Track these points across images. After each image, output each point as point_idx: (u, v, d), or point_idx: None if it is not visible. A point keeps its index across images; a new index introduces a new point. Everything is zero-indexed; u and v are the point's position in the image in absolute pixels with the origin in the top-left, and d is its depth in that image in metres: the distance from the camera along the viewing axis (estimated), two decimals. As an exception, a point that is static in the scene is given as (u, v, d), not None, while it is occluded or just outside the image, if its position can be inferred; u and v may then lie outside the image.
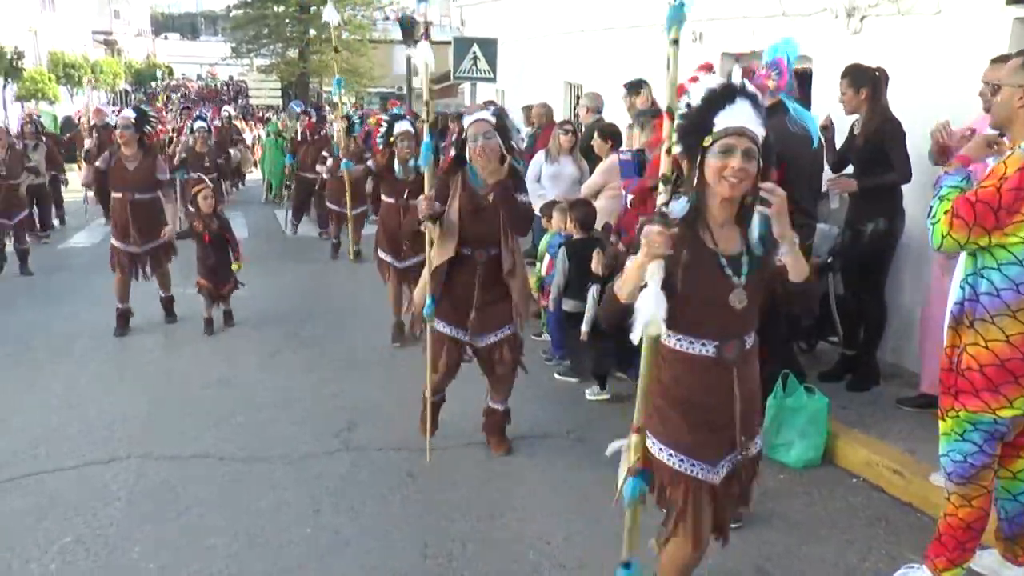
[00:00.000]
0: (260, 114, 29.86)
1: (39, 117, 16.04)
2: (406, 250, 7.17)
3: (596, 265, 5.76)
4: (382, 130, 7.41)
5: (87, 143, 14.20)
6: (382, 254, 7.38)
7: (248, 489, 4.71)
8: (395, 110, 8.38)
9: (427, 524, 4.32)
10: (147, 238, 7.58)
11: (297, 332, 7.83)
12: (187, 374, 6.68)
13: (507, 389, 5.13)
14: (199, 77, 62.88)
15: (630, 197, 6.14)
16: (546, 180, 8.27)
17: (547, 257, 6.96)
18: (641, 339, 2.74)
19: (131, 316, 7.84)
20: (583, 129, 8.81)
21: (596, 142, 7.68)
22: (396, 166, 7.18)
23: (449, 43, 14.20)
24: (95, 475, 4.87)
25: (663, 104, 2.82)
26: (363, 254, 10.52)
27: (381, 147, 7.44)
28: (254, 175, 20.17)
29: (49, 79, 29.88)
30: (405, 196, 7.07)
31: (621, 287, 2.79)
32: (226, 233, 7.81)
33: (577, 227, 6.36)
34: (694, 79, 2.98)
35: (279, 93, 34.29)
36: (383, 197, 7.45)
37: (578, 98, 12.25)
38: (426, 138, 4.72)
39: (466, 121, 4.76)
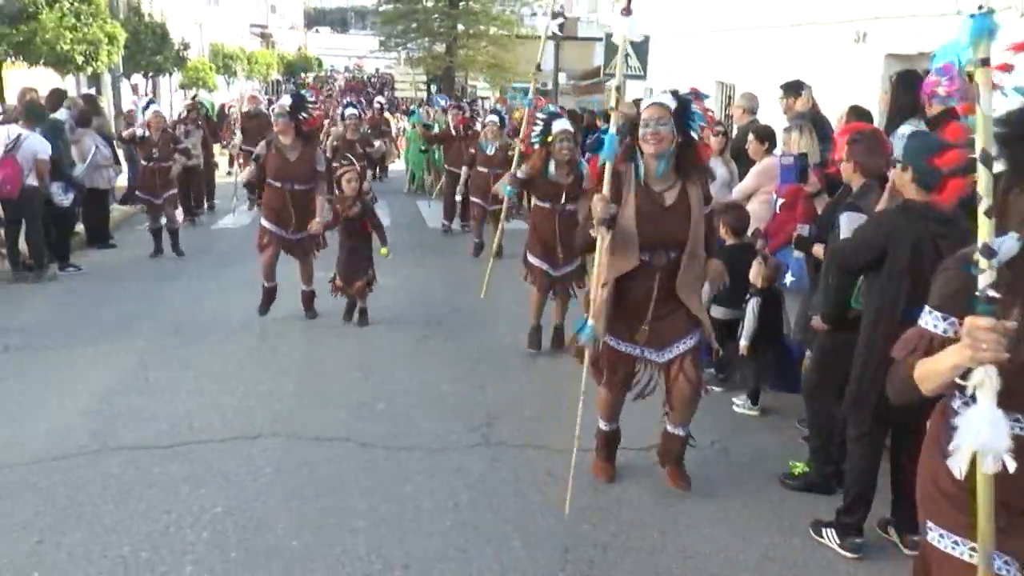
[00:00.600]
0: (405, 106, 30.45)
1: (200, 104, 16.79)
2: (562, 257, 6.75)
3: (756, 276, 5.54)
4: (536, 128, 6.88)
5: (237, 135, 14.35)
6: (534, 259, 6.86)
7: (389, 477, 4.75)
8: (550, 107, 7.91)
9: (568, 527, 4.24)
10: (302, 228, 7.47)
11: (440, 323, 7.89)
12: (330, 358, 6.83)
13: (690, 412, 4.51)
14: (346, 69, 64.89)
15: (779, 202, 5.90)
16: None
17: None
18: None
19: (275, 295, 7.77)
20: (735, 130, 8.54)
21: (751, 144, 7.38)
22: (552, 167, 6.69)
23: (597, 40, 14.13)
24: (243, 450, 5.03)
25: (977, 140, 2.06)
26: (504, 251, 10.42)
27: (536, 146, 6.88)
28: (396, 165, 20.57)
29: (209, 69, 31.40)
30: (563, 200, 6.67)
31: (924, 379, 2.16)
32: (370, 219, 7.55)
33: (729, 232, 6.14)
34: (1005, 67, 2.16)
35: (424, 86, 34.96)
36: (536, 201, 6.99)
37: (730, 98, 11.96)
38: (612, 129, 4.27)
39: (643, 104, 4.33)
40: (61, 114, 10.34)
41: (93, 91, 17.71)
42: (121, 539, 4.05)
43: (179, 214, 11.93)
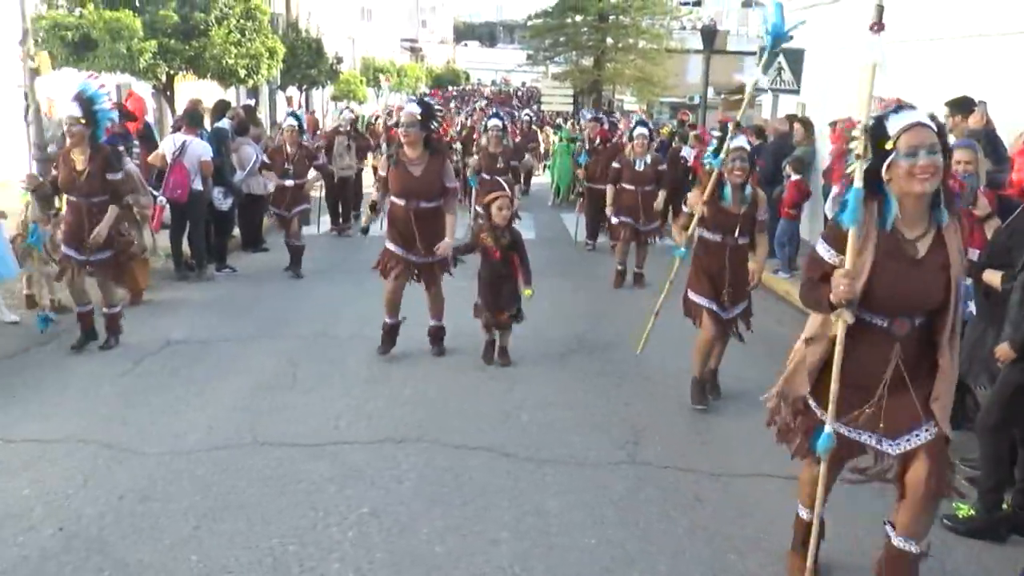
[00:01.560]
0: (551, 120, 30.61)
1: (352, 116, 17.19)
2: (731, 298, 5.95)
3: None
4: (709, 148, 6.14)
5: (383, 147, 14.24)
6: (697, 298, 5.97)
7: (533, 488, 4.68)
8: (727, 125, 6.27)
9: (715, 553, 4.06)
10: (430, 250, 6.69)
11: (584, 338, 7.76)
12: (472, 367, 6.82)
13: (926, 522, 3.46)
14: (492, 83, 65.92)
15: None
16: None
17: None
18: None
19: (397, 334, 6.95)
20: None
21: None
22: (727, 191, 5.83)
23: (748, 54, 13.71)
24: (388, 453, 5.06)
25: None
26: (645, 278, 10.06)
27: (707, 168, 5.99)
28: (540, 178, 20.62)
29: (360, 82, 32.48)
30: (736, 234, 5.86)
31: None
32: (517, 253, 6.70)
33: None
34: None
35: (571, 99, 35.05)
36: (704, 232, 5.98)
37: (891, 115, 11.38)
38: (858, 181, 3.22)
39: (895, 123, 3.19)
40: (224, 123, 10.84)
41: (252, 102, 18.61)
42: (271, 531, 4.14)
43: (324, 222, 12.22)
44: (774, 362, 4.23)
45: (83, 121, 6.56)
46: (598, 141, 12.67)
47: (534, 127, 21.00)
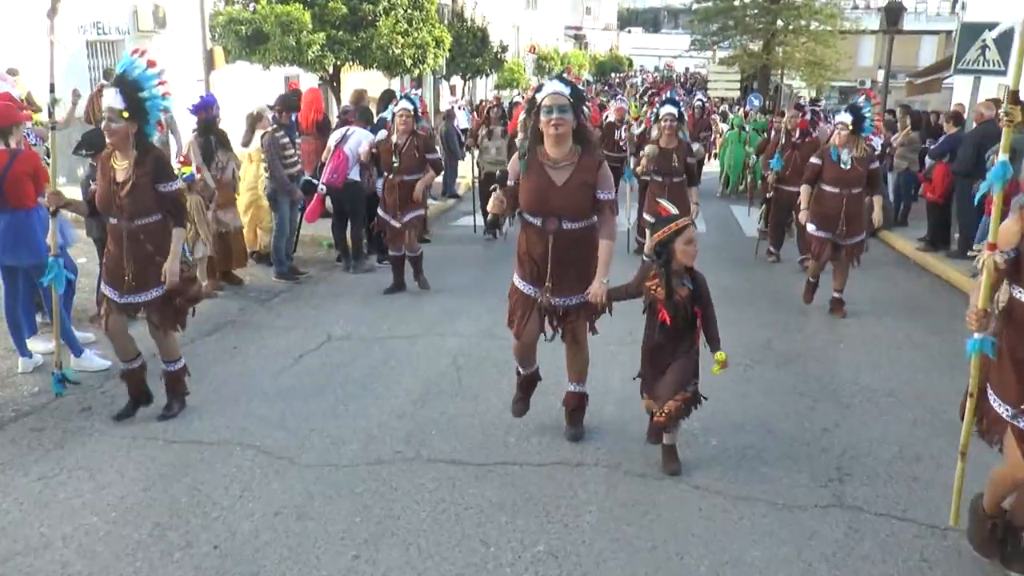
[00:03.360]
0: (717, 106, 29.33)
1: (503, 101, 16.45)
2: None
3: None
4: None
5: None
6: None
7: (732, 533, 4.07)
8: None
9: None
10: (575, 289, 4.74)
11: (768, 347, 7.00)
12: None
13: None
14: (656, 69, 64.51)
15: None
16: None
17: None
18: None
19: (534, 387, 5.27)
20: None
21: None
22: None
23: (927, 33, 12.40)
24: (564, 479, 4.56)
25: None
26: (845, 307, 8.00)
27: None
28: (709, 166, 19.63)
29: (523, 70, 32.21)
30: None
31: None
32: (700, 306, 4.47)
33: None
34: None
35: (738, 85, 33.62)
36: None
37: None
38: (1003, 155, 3.34)
39: None
40: (387, 113, 10.63)
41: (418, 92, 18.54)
42: (438, 565, 3.75)
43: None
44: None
45: (126, 115, 4.84)
46: (797, 135, 10.35)
47: (706, 115, 18.69)
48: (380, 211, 8.53)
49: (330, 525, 4.06)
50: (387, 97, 11.30)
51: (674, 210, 4.54)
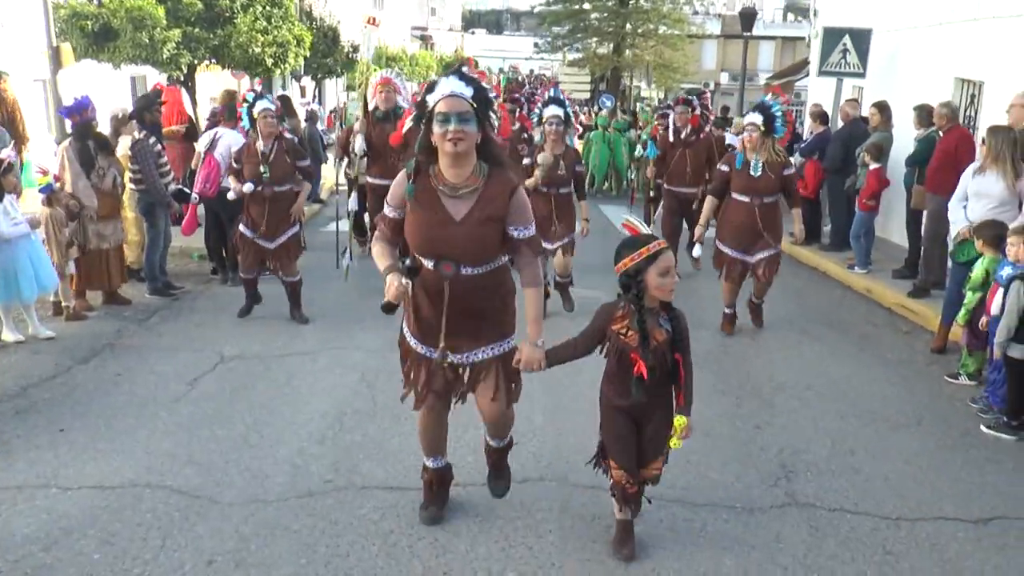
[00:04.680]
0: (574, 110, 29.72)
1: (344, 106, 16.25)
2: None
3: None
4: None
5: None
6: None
7: (697, 540, 3.96)
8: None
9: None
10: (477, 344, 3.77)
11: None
12: (575, 381, 5.94)
13: None
14: (500, 71, 64.91)
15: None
16: (971, 197, 6.79)
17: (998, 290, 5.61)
18: None
19: (450, 479, 4.33)
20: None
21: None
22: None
23: (770, 39, 12.88)
24: (513, 496, 4.26)
25: None
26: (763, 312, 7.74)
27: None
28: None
29: (374, 71, 31.75)
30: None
31: None
32: (680, 352, 3.58)
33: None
34: None
35: (588, 87, 34.14)
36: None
37: (974, 97, 10.63)
38: None
39: None
40: (245, 118, 9.99)
41: (274, 93, 17.78)
42: (401, 609, 3.43)
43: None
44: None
45: None
46: (687, 131, 9.38)
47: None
48: (242, 226, 7.34)
49: (274, 571, 3.66)
50: (229, 99, 9.72)
51: (644, 229, 3.60)
